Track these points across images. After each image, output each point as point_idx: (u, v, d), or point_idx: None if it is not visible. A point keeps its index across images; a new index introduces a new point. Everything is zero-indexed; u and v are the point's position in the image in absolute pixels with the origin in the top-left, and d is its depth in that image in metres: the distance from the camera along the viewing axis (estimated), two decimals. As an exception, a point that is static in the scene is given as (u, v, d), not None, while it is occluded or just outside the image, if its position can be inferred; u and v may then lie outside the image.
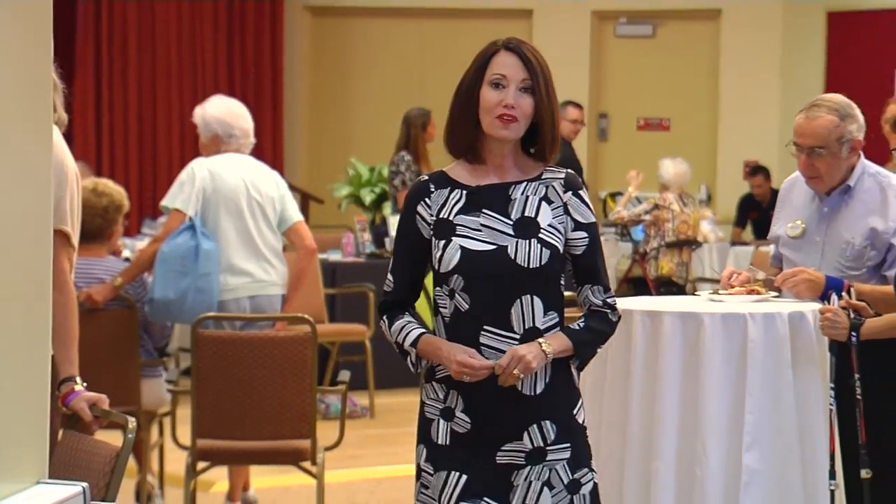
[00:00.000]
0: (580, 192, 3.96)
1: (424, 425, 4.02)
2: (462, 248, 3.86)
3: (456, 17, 14.74)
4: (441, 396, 3.95)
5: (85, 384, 4.58)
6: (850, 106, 5.49)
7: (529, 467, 3.88)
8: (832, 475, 5.11)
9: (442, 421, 3.96)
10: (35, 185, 2.16)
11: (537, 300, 3.87)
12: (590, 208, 3.97)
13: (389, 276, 4.03)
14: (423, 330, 3.93)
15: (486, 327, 3.87)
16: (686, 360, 5.17)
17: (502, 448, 3.90)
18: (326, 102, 15.09)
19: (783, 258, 5.60)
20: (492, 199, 3.91)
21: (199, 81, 14.32)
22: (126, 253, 8.82)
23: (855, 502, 5.24)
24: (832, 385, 5.01)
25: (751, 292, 5.47)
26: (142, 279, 7.34)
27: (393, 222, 11.11)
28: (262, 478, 7.66)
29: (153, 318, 7.31)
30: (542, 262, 3.85)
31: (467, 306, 3.86)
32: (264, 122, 14.11)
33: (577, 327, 3.95)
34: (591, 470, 3.98)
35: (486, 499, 3.88)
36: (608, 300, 3.98)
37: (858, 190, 5.45)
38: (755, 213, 13.40)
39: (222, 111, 7.41)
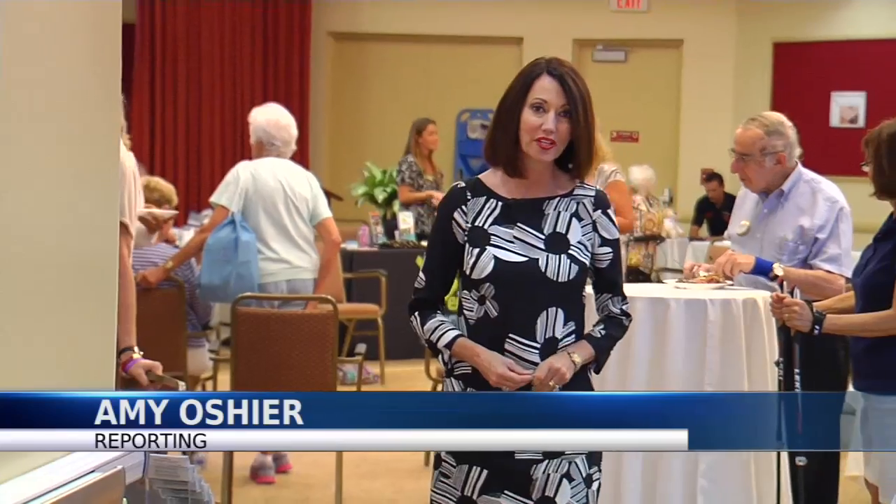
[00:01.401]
0: (608, 210, 3.66)
1: None
2: (496, 257, 3.53)
3: (457, 42, 14.72)
4: (457, 392, 3.61)
5: (141, 353, 4.57)
6: (782, 124, 5.55)
7: (547, 461, 3.51)
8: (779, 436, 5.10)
9: None
10: (105, 188, 2.14)
11: (560, 312, 3.55)
12: (615, 225, 3.68)
13: (422, 275, 3.70)
14: (458, 332, 3.60)
15: (511, 335, 3.54)
16: (654, 339, 5.18)
17: None
18: (345, 114, 15.08)
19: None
20: (526, 212, 3.58)
21: (237, 95, 14.31)
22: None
23: (793, 482, 5.23)
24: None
25: (710, 281, 5.48)
26: (189, 263, 7.36)
27: (402, 217, 11.11)
28: (289, 434, 7.62)
29: (203, 299, 7.35)
30: (571, 277, 3.54)
31: (496, 314, 3.54)
32: (292, 131, 14.10)
33: (599, 335, 3.65)
34: (600, 469, 3.65)
35: (506, 492, 3.53)
36: (625, 308, 3.70)
37: (793, 194, 5.50)
38: (710, 213, 13.39)
39: (269, 121, 7.38)
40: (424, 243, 10.99)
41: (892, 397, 4.50)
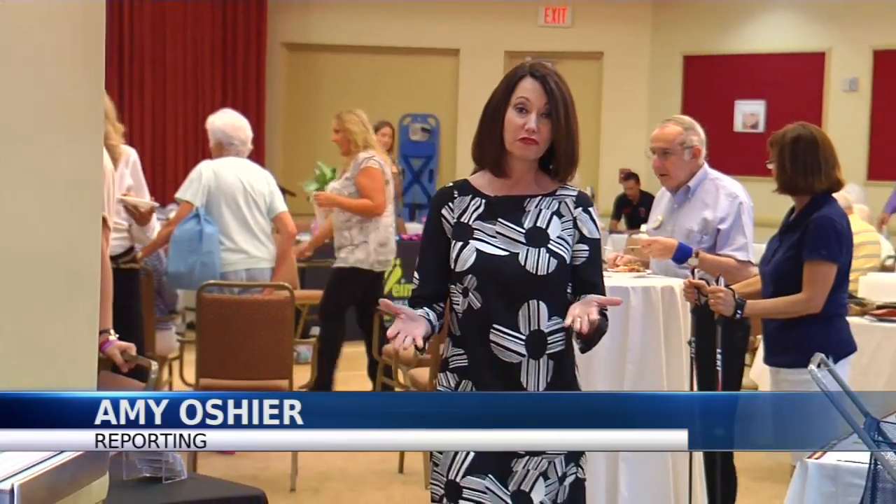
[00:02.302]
0: (590, 209, 3.41)
1: None
2: (478, 250, 3.29)
3: (400, 53, 14.69)
4: (452, 385, 3.37)
5: (117, 335, 4.54)
6: (693, 123, 5.65)
7: (528, 457, 3.26)
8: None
9: None
10: (91, 188, 2.12)
11: (543, 305, 3.30)
12: (596, 226, 3.40)
13: (416, 274, 3.42)
14: (424, 312, 3.29)
15: (495, 326, 3.29)
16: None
17: None
18: (298, 117, 15.00)
19: None
20: (508, 209, 3.34)
21: (199, 101, 14.22)
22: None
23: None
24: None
25: (632, 270, 5.51)
26: (157, 254, 7.32)
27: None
28: (248, 409, 7.59)
29: (170, 287, 7.31)
30: (550, 271, 3.28)
31: (479, 305, 3.30)
32: (249, 134, 14.04)
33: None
34: (579, 466, 3.35)
35: (490, 476, 3.27)
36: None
37: (699, 190, 5.56)
38: (628, 209, 13.45)
39: (225, 124, 7.39)
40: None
41: (802, 370, 4.56)
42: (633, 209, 13.30)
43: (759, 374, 6.25)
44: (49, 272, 1.93)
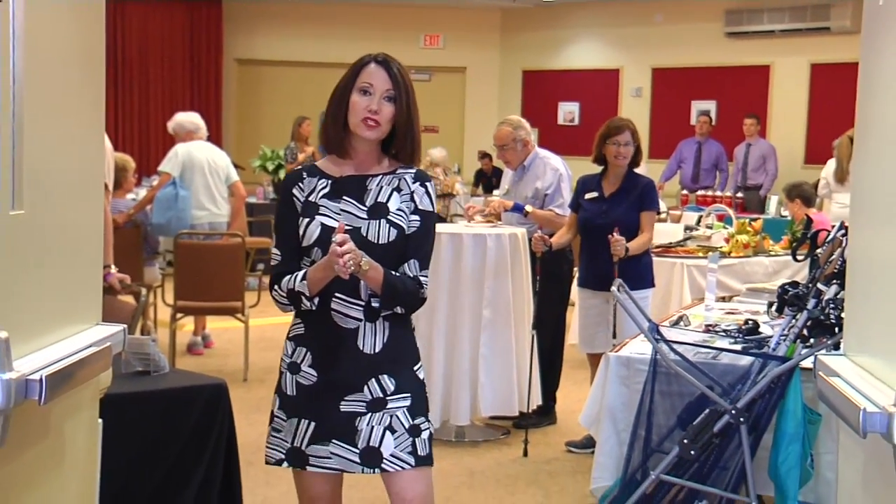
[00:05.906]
0: (427, 184, 2.69)
1: (279, 377, 2.72)
2: (322, 224, 2.60)
3: (320, 66, 14.45)
4: (289, 352, 2.69)
5: (116, 268, 4.43)
6: (521, 121, 5.68)
7: (370, 414, 2.61)
8: (534, 327, 5.20)
9: (289, 374, 2.68)
10: (94, 155, 2.06)
11: None
12: (431, 201, 2.68)
13: (276, 251, 2.67)
14: (305, 270, 2.61)
15: (336, 294, 2.59)
16: (452, 259, 5.20)
17: (345, 398, 2.62)
18: (247, 113, 14.75)
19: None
20: (351, 187, 2.65)
21: (173, 101, 13.82)
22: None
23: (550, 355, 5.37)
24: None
25: (489, 222, 5.53)
26: (144, 210, 7.17)
27: (286, 181, 10.98)
28: (212, 322, 7.52)
29: (154, 235, 7.20)
30: (391, 239, 2.59)
31: None
32: (211, 126, 13.72)
33: (394, 273, 2.60)
34: (428, 420, 2.68)
35: (334, 441, 2.62)
36: (420, 277, 2.63)
37: (532, 167, 5.61)
38: (484, 179, 13.48)
39: (184, 118, 7.41)
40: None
41: (642, 290, 4.71)
42: (487, 179, 13.36)
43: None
44: (68, 229, 1.87)
